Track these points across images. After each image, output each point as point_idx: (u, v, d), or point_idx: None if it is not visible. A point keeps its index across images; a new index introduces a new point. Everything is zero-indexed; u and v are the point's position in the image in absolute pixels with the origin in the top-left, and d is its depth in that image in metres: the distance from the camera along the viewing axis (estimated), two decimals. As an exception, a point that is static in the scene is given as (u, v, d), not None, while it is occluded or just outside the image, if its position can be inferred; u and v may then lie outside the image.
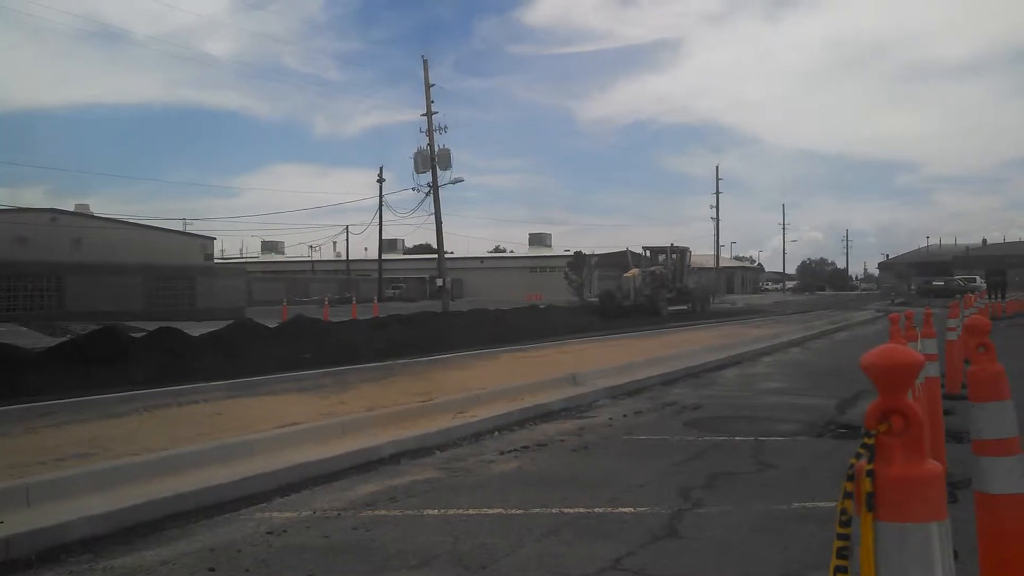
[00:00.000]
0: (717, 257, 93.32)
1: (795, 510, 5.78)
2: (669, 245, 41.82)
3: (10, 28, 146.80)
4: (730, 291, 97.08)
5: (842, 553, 1.63)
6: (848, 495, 1.64)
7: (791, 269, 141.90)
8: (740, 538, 5.18)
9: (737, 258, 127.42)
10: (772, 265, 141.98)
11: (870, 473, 1.61)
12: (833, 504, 1.69)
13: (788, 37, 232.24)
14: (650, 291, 37.54)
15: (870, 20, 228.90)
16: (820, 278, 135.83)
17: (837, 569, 1.63)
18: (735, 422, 9.61)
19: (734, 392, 12.48)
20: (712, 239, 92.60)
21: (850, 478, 1.64)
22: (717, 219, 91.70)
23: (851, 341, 23.11)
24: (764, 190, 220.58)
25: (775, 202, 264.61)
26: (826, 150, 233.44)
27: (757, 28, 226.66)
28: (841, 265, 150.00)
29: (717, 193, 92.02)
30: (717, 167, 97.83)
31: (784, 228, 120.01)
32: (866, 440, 1.64)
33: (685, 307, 40.10)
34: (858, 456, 1.64)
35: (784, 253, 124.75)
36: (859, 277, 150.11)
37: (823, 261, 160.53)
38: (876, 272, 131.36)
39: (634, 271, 39.23)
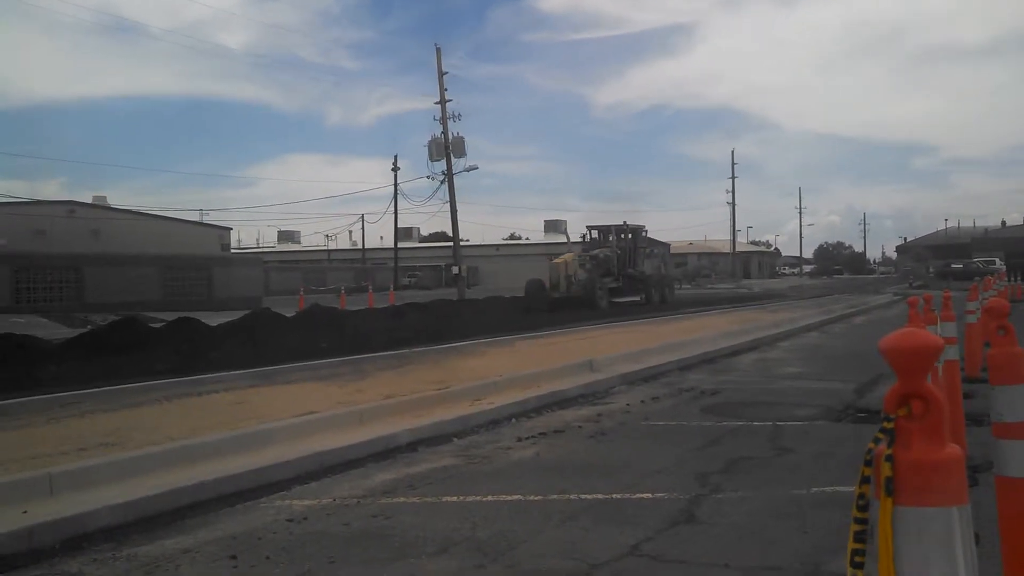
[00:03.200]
0: (733, 242, 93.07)
1: (814, 495, 5.77)
2: (621, 223, 34.52)
3: (27, 23, 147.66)
4: (747, 276, 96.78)
5: (859, 537, 1.63)
6: (866, 480, 1.63)
7: (808, 253, 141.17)
8: (759, 523, 5.17)
9: (754, 243, 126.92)
10: (789, 249, 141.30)
11: (889, 458, 1.60)
12: (853, 489, 1.68)
13: (803, 21, 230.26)
14: (586, 279, 30.55)
15: (886, 3, 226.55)
16: (837, 262, 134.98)
17: (855, 552, 1.63)
18: (753, 407, 9.59)
19: (751, 377, 12.45)
20: (729, 224, 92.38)
21: (868, 463, 1.64)
22: (733, 204, 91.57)
23: (869, 325, 22.99)
24: (780, 175, 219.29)
25: (792, 186, 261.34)
26: (843, 134, 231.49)
27: (772, 11, 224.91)
28: (859, 249, 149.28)
29: (733, 178, 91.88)
30: (732, 152, 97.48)
31: (801, 212, 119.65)
32: (885, 424, 1.63)
33: (638, 298, 33.16)
34: (876, 441, 1.63)
35: (801, 237, 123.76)
36: (877, 261, 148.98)
37: (840, 245, 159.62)
38: (894, 255, 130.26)
39: (567, 256, 32.01)
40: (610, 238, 33.95)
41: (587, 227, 35.84)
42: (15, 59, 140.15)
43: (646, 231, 36.02)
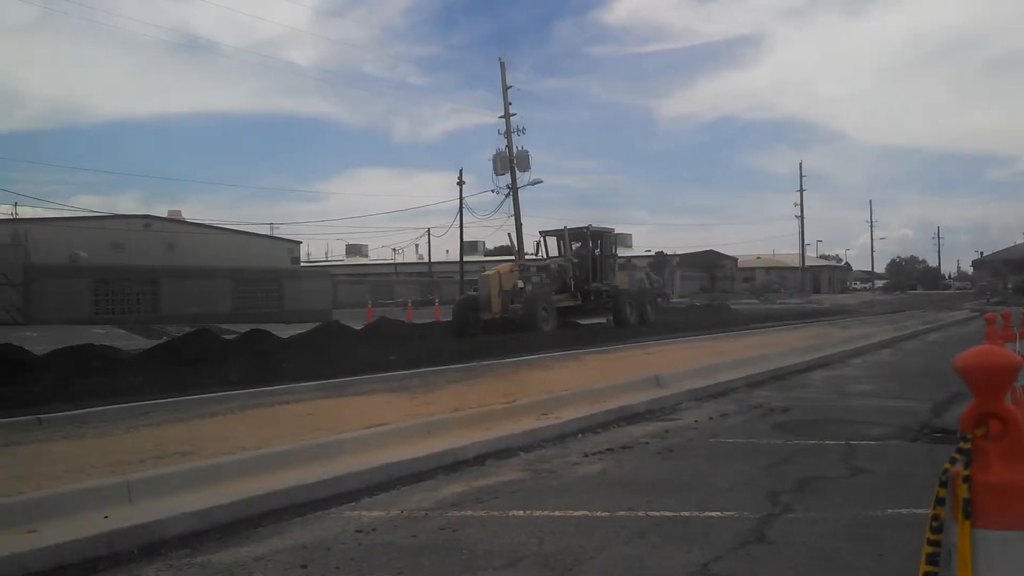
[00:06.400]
0: (802, 256, 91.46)
1: (889, 516, 5.64)
2: (584, 227, 26.76)
3: (105, 42, 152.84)
4: (816, 291, 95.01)
5: (932, 559, 1.61)
6: (941, 501, 1.61)
7: (880, 268, 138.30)
8: (832, 545, 5.07)
9: (823, 257, 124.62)
10: (860, 264, 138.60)
11: (966, 479, 1.58)
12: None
13: (871, 30, 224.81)
14: (528, 296, 23.67)
15: (956, 11, 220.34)
16: (911, 277, 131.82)
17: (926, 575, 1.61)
18: (824, 425, 9.41)
19: (823, 395, 12.23)
20: (797, 238, 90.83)
21: (944, 484, 1.62)
22: (801, 217, 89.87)
23: (945, 342, 22.39)
24: (850, 187, 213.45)
25: (862, 199, 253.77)
26: (915, 145, 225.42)
27: (839, 22, 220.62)
28: (933, 263, 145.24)
29: (801, 190, 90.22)
30: (800, 164, 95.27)
31: (872, 225, 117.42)
32: (962, 444, 1.61)
33: (604, 319, 26.65)
34: (953, 461, 1.61)
35: (872, 251, 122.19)
36: (952, 276, 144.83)
37: (914, 259, 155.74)
38: (970, 270, 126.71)
39: (501, 267, 25.94)
40: (572, 246, 26.37)
41: (540, 232, 27.86)
42: (96, 77, 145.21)
43: (615, 236, 28.96)
